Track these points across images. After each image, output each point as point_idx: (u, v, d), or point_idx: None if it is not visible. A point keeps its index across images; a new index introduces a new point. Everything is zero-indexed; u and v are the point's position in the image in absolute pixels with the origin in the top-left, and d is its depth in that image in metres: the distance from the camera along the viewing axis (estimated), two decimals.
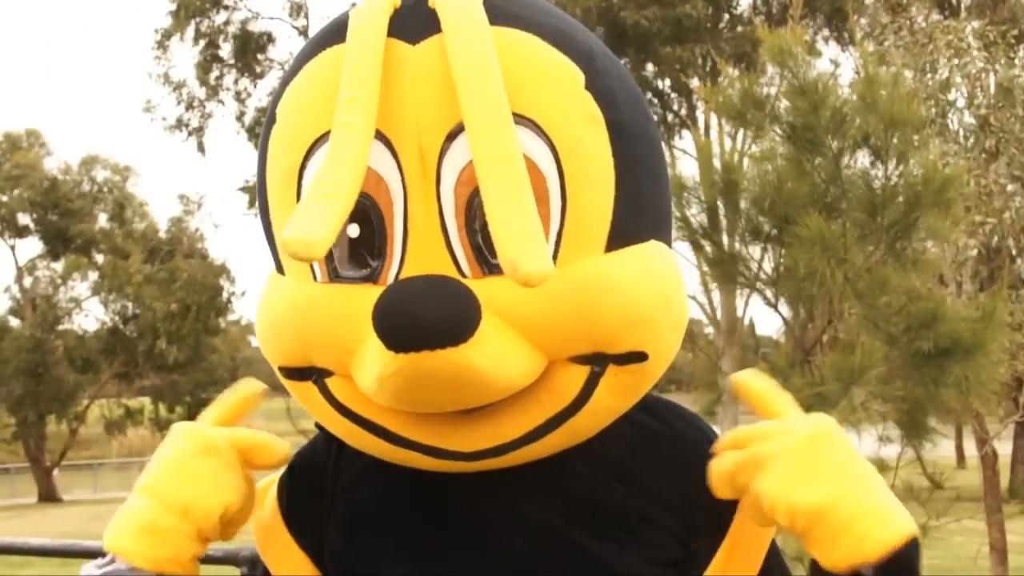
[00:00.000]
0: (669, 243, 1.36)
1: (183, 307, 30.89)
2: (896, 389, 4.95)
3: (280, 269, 1.36)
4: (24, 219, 36.31)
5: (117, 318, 35.92)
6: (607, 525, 1.34)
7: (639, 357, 1.25)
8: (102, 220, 37.09)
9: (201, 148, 28.19)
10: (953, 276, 8.79)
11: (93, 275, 36.18)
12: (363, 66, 1.21)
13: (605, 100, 1.26)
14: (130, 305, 34.92)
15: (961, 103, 11.40)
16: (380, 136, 1.23)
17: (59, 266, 36.32)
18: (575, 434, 1.30)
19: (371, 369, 1.18)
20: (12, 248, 36.90)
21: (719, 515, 1.37)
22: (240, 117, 27.96)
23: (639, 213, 1.29)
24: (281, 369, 1.34)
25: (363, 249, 1.26)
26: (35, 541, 4.68)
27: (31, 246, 37.67)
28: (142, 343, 33.50)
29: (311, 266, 1.29)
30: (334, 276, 1.27)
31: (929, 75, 11.25)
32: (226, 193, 77.77)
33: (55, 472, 34.54)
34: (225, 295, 34.98)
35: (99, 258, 36.20)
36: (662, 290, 1.27)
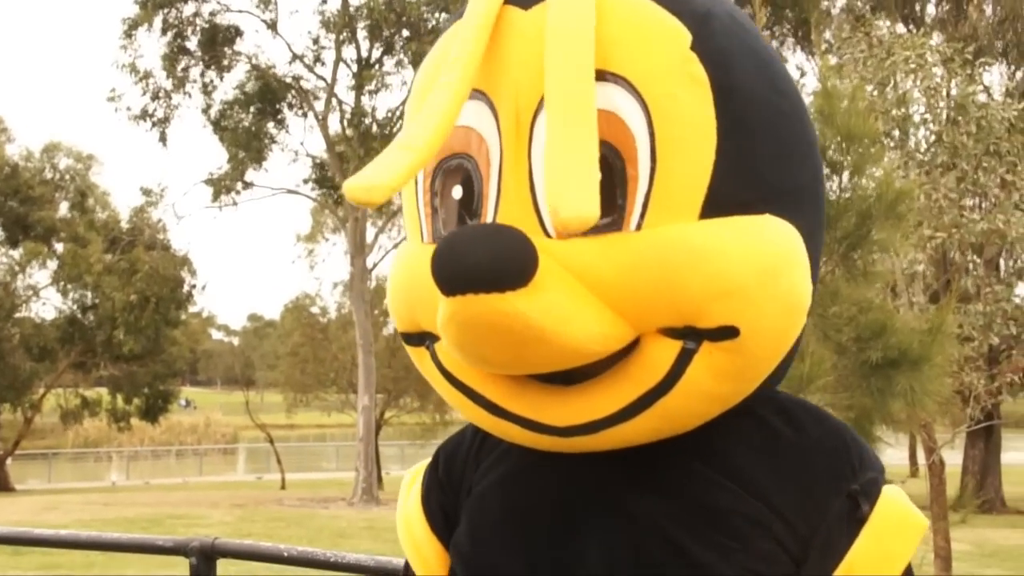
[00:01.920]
0: (803, 223, 1.28)
1: (143, 298, 30.64)
2: (845, 398, 5.02)
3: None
4: None
5: (76, 307, 35.59)
6: (714, 529, 1.26)
7: (731, 333, 1.19)
8: (63, 208, 36.72)
9: (163, 140, 27.95)
10: (905, 288, 8.90)
11: (52, 264, 35.83)
12: (470, 29, 1.24)
13: (715, 62, 1.22)
14: (89, 295, 34.60)
15: (918, 118, 11.54)
16: (485, 98, 1.26)
17: (17, 253, 35.92)
18: (672, 418, 1.25)
19: (438, 318, 1.17)
20: None
21: (834, 541, 1.27)
22: (206, 110, 27.77)
23: (748, 183, 1.23)
24: (401, 336, 1.36)
25: (465, 210, 1.28)
26: None
27: None
28: (101, 333, 33.22)
29: (421, 229, 1.32)
30: (437, 237, 1.29)
31: (888, 89, 11.37)
32: (189, 185, 77.04)
33: (8, 461, 34.16)
34: (186, 287, 34.75)
35: (59, 247, 35.85)
36: (761, 264, 1.20)
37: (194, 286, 35.26)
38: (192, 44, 27.33)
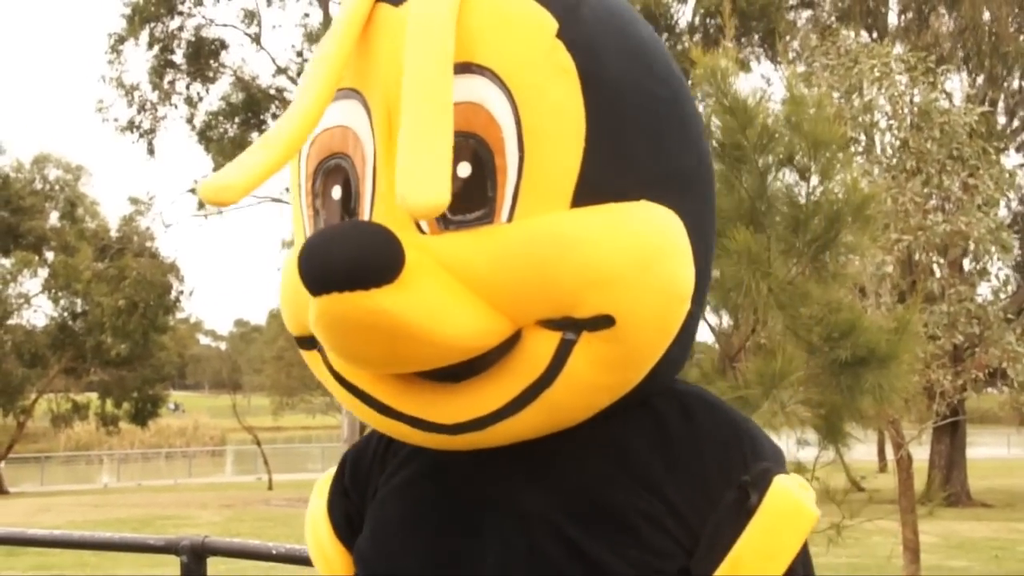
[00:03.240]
0: (680, 208, 1.23)
1: (131, 304, 30.49)
2: (815, 395, 5.03)
3: None
4: None
5: (66, 314, 35.40)
6: (611, 526, 1.23)
7: (607, 322, 1.15)
8: (53, 218, 36.55)
9: (151, 150, 27.87)
10: (873, 289, 8.94)
11: (43, 272, 35.65)
12: (339, 27, 1.20)
13: (582, 50, 1.19)
14: (79, 302, 34.44)
15: (884, 124, 11.61)
16: (359, 96, 1.22)
17: (8, 262, 35.72)
18: (558, 409, 1.21)
19: (309, 319, 1.13)
20: None
21: (721, 532, 1.24)
22: (191, 120, 27.71)
23: (620, 169, 1.19)
24: (295, 339, 1.32)
25: (344, 210, 1.24)
26: None
27: None
28: (90, 339, 33.04)
29: (305, 232, 1.28)
30: None
31: (855, 96, 11.43)
32: (176, 194, 76.80)
33: (2, 464, 33.93)
34: (173, 293, 34.61)
35: (50, 255, 35.67)
36: (637, 251, 1.16)
37: (181, 292, 35.14)
38: (178, 57, 27.30)
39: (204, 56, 27.08)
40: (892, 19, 24.97)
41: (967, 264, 16.89)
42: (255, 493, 28.54)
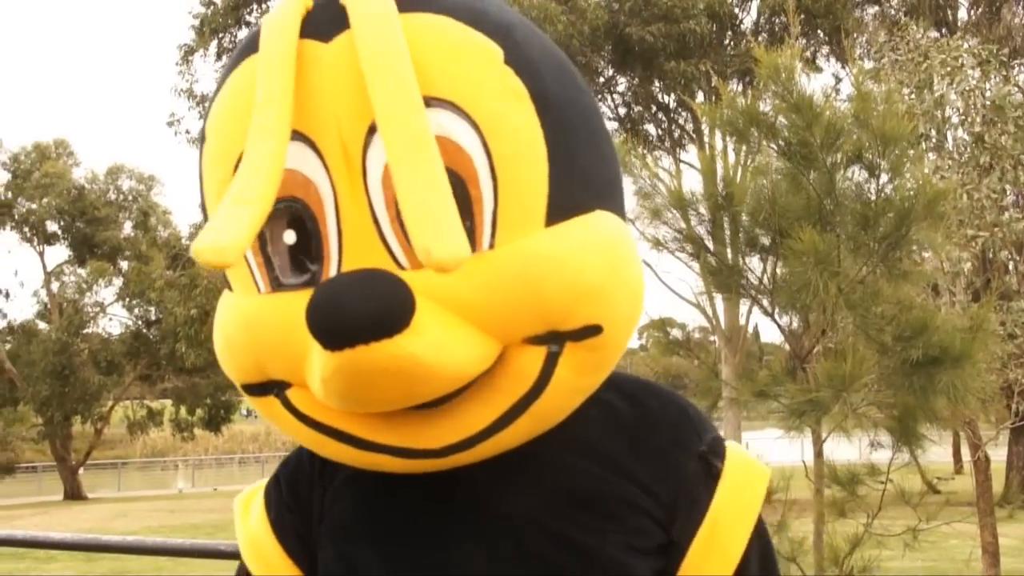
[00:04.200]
0: (619, 211, 1.30)
1: (202, 312, 30.91)
2: (887, 396, 4.95)
3: (230, 287, 1.31)
4: (52, 226, 36.54)
5: (140, 322, 36.06)
6: (589, 514, 1.28)
7: (594, 331, 1.19)
8: (127, 228, 37.27)
9: None
10: (947, 287, 8.79)
11: (117, 281, 36.33)
12: (274, 67, 1.17)
13: (527, 72, 1.20)
14: (153, 310, 35.03)
15: (955, 119, 11.40)
16: (303, 138, 1.19)
17: (85, 272, 36.47)
18: (543, 418, 1.24)
19: (315, 372, 1.12)
20: (40, 254, 37.16)
21: (696, 499, 1.33)
22: None
23: (578, 184, 1.23)
24: (243, 387, 1.29)
25: (302, 255, 1.21)
26: (58, 536, 4.73)
27: (58, 252, 37.89)
28: (164, 347, 33.56)
29: (254, 279, 1.24)
30: (276, 286, 1.22)
31: (925, 92, 11.25)
32: None
33: (80, 471, 34.64)
34: None
35: (124, 264, 36.35)
36: (610, 259, 1.21)
37: None
38: None
39: None
40: (962, 13, 24.57)
41: None
42: None
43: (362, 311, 1.05)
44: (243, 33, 27.29)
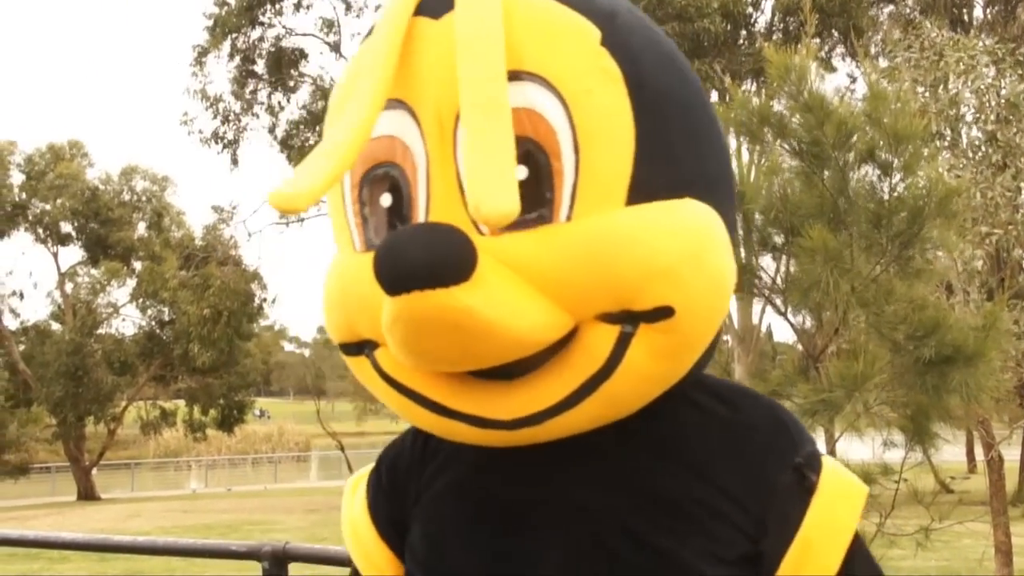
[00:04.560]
0: (719, 206, 1.29)
1: (215, 312, 30.93)
2: (900, 395, 4.94)
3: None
4: (66, 227, 36.61)
5: (153, 323, 36.13)
6: (671, 516, 1.27)
7: (666, 313, 1.20)
8: (141, 228, 37.32)
9: (235, 161, 28.31)
10: (961, 286, 8.76)
11: (131, 281, 36.40)
12: (380, 42, 1.25)
13: (625, 56, 1.23)
14: (166, 310, 35.08)
15: (969, 118, 11.36)
16: (406, 107, 1.25)
17: (98, 272, 36.56)
18: (614, 402, 1.25)
19: (383, 321, 1.16)
20: (55, 255, 37.24)
21: (788, 514, 1.29)
22: (272, 130, 28.09)
23: (667, 170, 1.24)
24: (340, 347, 1.34)
25: (395, 217, 1.27)
26: (69, 536, 4.74)
27: (72, 253, 37.98)
28: (177, 347, 33.60)
29: (352, 240, 1.31)
30: (370, 246, 1.29)
31: (940, 90, 11.21)
32: (259, 203, 77.97)
33: (94, 471, 34.71)
34: (256, 301, 35.06)
35: (137, 265, 36.42)
36: (689, 244, 1.21)
37: (264, 300, 35.57)
38: (259, 68, 27.68)
39: (284, 66, 27.44)
40: (978, 12, 24.47)
41: None
42: (340, 498, 28.67)
43: (417, 257, 1.09)
44: (256, 34, 27.37)
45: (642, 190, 1.21)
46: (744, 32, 24.36)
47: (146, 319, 36.44)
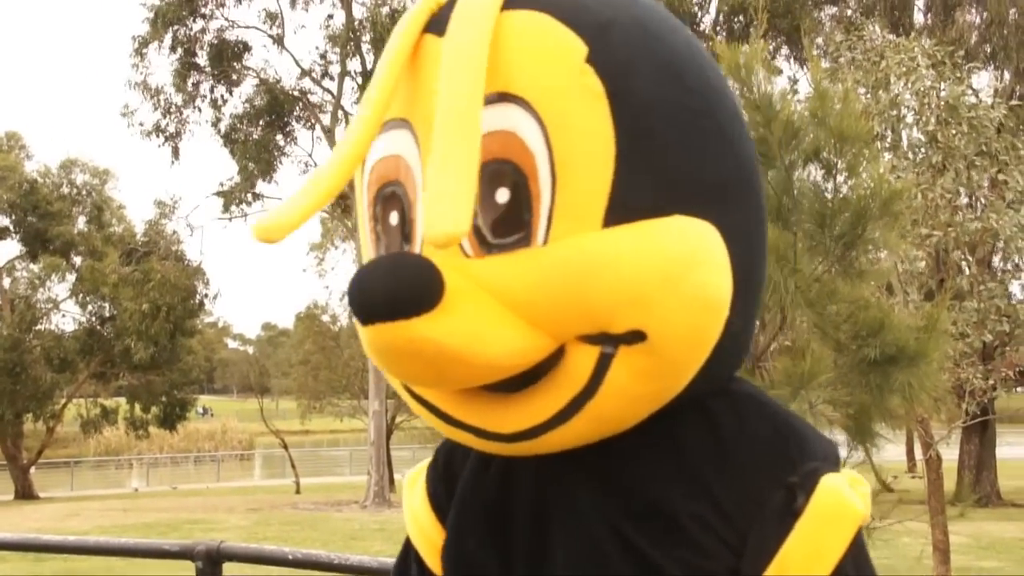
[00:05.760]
0: (725, 216, 1.27)
1: (154, 307, 30.63)
2: (843, 395, 4.96)
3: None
4: (3, 221, 36.06)
5: (94, 319, 35.68)
6: (662, 526, 1.27)
7: (639, 336, 1.20)
8: (80, 223, 36.84)
9: (176, 154, 28.01)
10: (901, 287, 8.84)
11: (71, 277, 35.92)
12: (384, 60, 1.26)
13: (611, 71, 1.21)
14: (107, 306, 34.68)
15: (910, 119, 11.49)
16: (408, 125, 1.27)
17: (37, 267, 36.01)
18: (603, 419, 1.25)
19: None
20: None
21: (768, 535, 1.25)
22: (216, 124, 27.83)
23: (654, 186, 1.22)
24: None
25: (401, 235, 1.29)
26: (3, 536, 4.66)
27: (10, 248, 37.36)
28: (118, 344, 33.27)
29: (371, 254, 1.34)
30: None
31: (881, 92, 11.32)
32: (202, 198, 77.28)
33: (32, 470, 34.21)
34: (198, 296, 34.73)
35: (77, 260, 35.94)
36: (663, 267, 1.20)
37: (206, 295, 35.26)
38: (201, 60, 27.41)
39: (227, 58, 27.18)
40: (918, 16, 24.80)
41: (997, 261, 16.71)
42: (283, 497, 28.64)
43: (378, 290, 1.12)
44: (198, 26, 27.11)
45: (621, 211, 1.20)
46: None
47: (86, 315, 35.99)
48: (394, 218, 1.29)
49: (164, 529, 19.32)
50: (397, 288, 1.12)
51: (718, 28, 24.33)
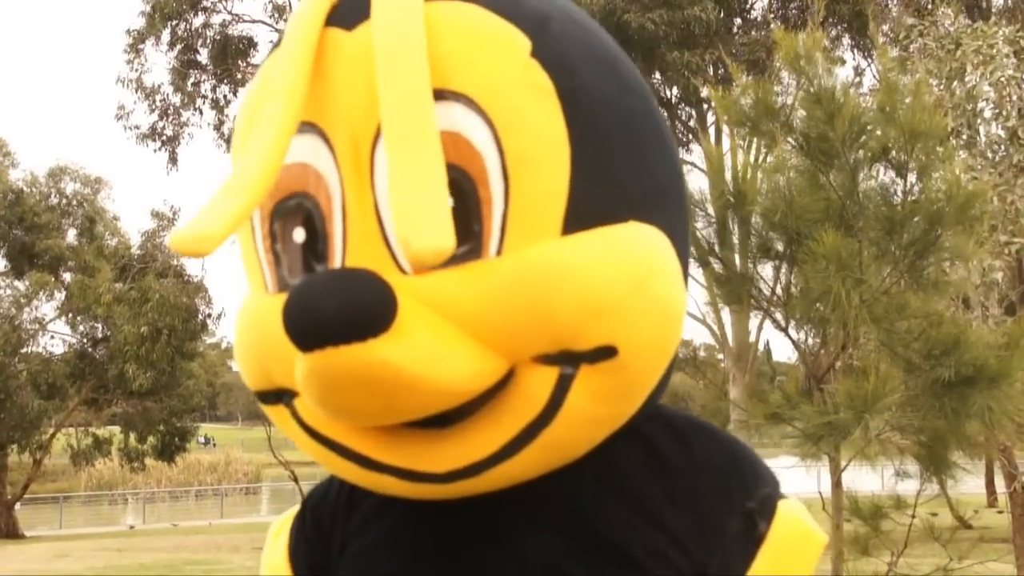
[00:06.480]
0: (666, 225, 1.28)
1: (154, 330, 30.74)
2: (915, 420, 4.93)
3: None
4: None
5: (86, 340, 35.84)
6: (611, 560, 1.27)
7: (608, 353, 1.19)
8: (70, 236, 37.02)
9: (174, 159, 28.18)
10: (979, 299, 8.78)
11: (60, 295, 36.12)
12: (289, 58, 1.22)
13: (558, 67, 1.22)
14: (99, 327, 34.83)
15: (988, 114, 11.42)
16: (317, 130, 1.23)
17: (23, 285, 36.26)
18: (557, 448, 1.24)
19: (296, 376, 1.14)
20: None
21: (732, 564, 1.30)
22: (219, 127, 27.97)
23: (608, 191, 1.23)
24: (256, 394, 1.33)
25: (310, 254, 1.26)
26: None
27: None
28: (112, 368, 33.35)
29: (264, 279, 1.29)
30: (283, 286, 1.27)
31: (956, 83, 11.26)
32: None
33: (17, 506, 34.37)
34: (200, 316, 34.86)
35: (67, 276, 36.15)
36: (633, 275, 1.20)
37: (209, 315, 35.37)
38: (202, 57, 27.58)
39: (231, 56, 27.35)
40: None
41: None
42: None
43: (330, 310, 1.07)
44: (199, 20, 27.29)
45: (580, 217, 1.20)
46: (739, 20, 24.45)
47: (77, 336, 36.15)
48: (299, 234, 1.26)
49: (163, 571, 19.40)
50: (351, 306, 1.08)
51: (772, 15, 24.27)
